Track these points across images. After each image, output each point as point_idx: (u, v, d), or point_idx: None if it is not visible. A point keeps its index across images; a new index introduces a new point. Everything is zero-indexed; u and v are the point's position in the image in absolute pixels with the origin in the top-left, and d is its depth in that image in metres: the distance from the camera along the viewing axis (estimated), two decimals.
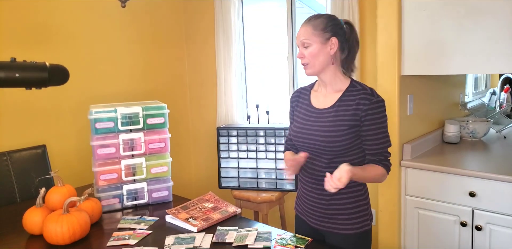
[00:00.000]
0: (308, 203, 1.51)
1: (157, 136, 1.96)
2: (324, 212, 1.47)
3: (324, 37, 1.38)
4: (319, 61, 1.40)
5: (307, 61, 1.41)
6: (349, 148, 1.40)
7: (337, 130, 1.37)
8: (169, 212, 1.74)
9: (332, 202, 1.45)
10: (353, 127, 1.37)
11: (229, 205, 1.83)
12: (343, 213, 1.44)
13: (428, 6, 1.99)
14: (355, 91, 1.39)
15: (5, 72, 1.42)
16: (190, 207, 1.80)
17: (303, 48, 1.41)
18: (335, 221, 1.45)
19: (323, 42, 1.38)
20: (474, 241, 1.95)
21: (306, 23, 1.41)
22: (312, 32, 1.38)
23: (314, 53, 1.39)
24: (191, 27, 3.34)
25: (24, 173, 2.19)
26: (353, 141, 1.39)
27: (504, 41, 1.82)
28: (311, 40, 1.38)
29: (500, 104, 3.03)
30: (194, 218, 1.69)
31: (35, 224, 1.58)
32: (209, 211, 1.77)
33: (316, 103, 1.48)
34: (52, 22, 2.56)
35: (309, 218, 1.53)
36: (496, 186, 1.86)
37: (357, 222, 1.45)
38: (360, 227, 1.45)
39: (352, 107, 1.37)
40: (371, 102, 1.36)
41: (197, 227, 1.61)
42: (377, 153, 1.41)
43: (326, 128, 1.39)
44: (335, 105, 1.41)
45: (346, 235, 1.45)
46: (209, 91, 3.28)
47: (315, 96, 1.50)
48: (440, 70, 2.02)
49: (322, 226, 1.49)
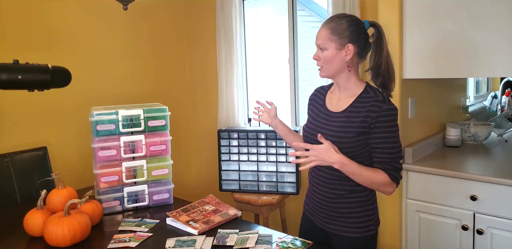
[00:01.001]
0: (315, 203, 1.52)
1: (158, 138, 1.96)
2: (330, 214, 1.47)
3: (340, 43, 1.34)
4: (333, 66, 1.38)
5: (321, 64, 1.40)
6: (357, 155, 1.37)
7: (345, 136, 1.35)
8: (170, 215, 1.74)
9: (337, 204, 1.45)
10: (361, 134, 1.34)
11: (230, 207, 1.83)
12: (348, 216, 1.44)
13: (430, 9, 1.99)
14: (367, 97, 1.36)
15: (7, 74, 1.42)
16: (191, 210, 1.80)
17: (319, 50, 1.38)
18: (340, 224, 1.46)
19: (339, 48, 1.35)
20: (476, 245, 1.94)
21: (326, 24, 1.37)
22: (329, 37, 1.34)
23: (329, 58, 1.36)
24: (192, 29, 3.35)
25: (25, 174, 2.19)
26: (361, 148, 1.36)
27: (506, 45, 1.82)
28: (327, 45, 1.35)
29: (501, 108, 3.03)
30: (195, 221, 1.68)
31: (36, 226, 1.58)
32: (210, 213, 1.77)
33: (330, 106, 1.46)
34: (54, 25, 2.57)
35: (315, 217, 1.54)
36: (497, 190, 1.86)
37: (362, 226, 1.44)
38: (364, 231, 1.44)
39: (362, 114, 1.34)
40: (382, 109, 1.32)
41: (198, 229, 1.61)
42: (384, 162, 1.35)
43: (335, 133, 1.38)
44: (346, 111, 1.39)
45: (350, 238, 1.45)
46: (210, 93, 3.29)
47: (330, 98, 1.49)
48: (442, 74, 2.02)
49: (327, 227, 1.50)
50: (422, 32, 2.02)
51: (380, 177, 1.33)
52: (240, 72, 3.02)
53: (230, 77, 3.01)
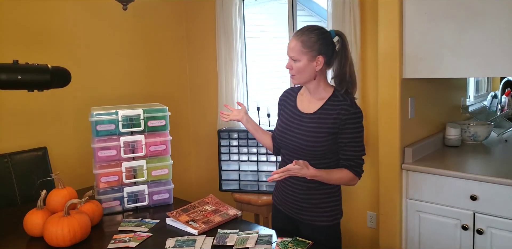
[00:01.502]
0: (286, 195, 1.63)
1: (158, 138, 1.96)
2: (301, 205, 1.59)
3: (311, 55, 1.47)
4: (305, 75, 1.50)
5: (294, 73, 1.51)
6: (327, 152, 1.51)
7: (317, 136, 1.49)
8: (170, 215, 1.74)
9: (309, 196, 1.57)
10: (332, 133, 1.48)
11: (230, 207, 1.83)
12: (318, 206, 1.57)
13: (429, 9, 1.99)
14: (337, 101, 1.50)
15: (7, 75, 1.42)
16: (191, 210, 1.80)
17: (292, 60, 1.50)
18: (311, 214, 1.58)
19: (310, 60, 1.47)
20: (476, 244, 1.94)
21: (298, 37, 1.48)
22: (301, 50, 1.46)
23: (301, 68, 1.48)
24: (192, 29, 3.35)
25: (25, 175, 2.19)
26: (331, 146, 1.51)
27: (506, 44, 1.82)
28: (299, 57, 1.47)
29: (501, 108, 3.02)
30: (195, 221, 1.69)
31: (35, 226, 1.58)
32: (210, 213, 1.77)
33: (301, 107, 1.59)
34: (54, 25, 2.57)
35: (286, 208, 1.65)
36: (497, 190, 1.86)
37: (330, 215, 1.58)
38: (332, 220, 1.58)
39: (332, 116, 1.48)
40: (350, 113, 1.46)
41: (198, 230, 1.61)
42: (350, 159, 1.51)
43: (308, 132, 1.51)
44: (318, 113, 1.52)
45: (320, 226, 1.58)
46: (210, 93, 3.29)
47: (300, 100, 1.62)
48: (441, 74, 2.02)
49: (298, 217, 1.62)
50: (422, 32, 2.02)
51: (346, 177, 1.51)
52: (240, 72, 3.02)
53: (230, 77, 3.01)
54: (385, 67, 2.12)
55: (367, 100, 2.47)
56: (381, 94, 2.15)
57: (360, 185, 2.57)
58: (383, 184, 2.19)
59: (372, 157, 2.45)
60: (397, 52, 2.07)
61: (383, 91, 2.14)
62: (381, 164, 2.20)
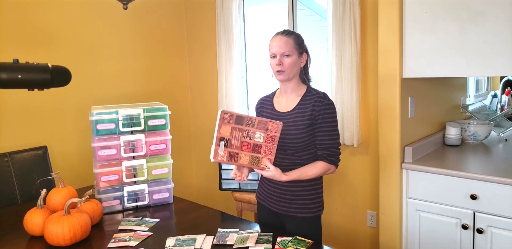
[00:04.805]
0: (270, 189, 1.71)
1: (158, 137, 1.96)
2: (285, 197, 1.66)
3: (300, 52, 1.63)
4: (293, 71, 1.62)
5: (284, 69, 1.60)
6: (308, 144, 1.61)
7: (298, 128, 1.59)
8: (224, 114, 1.44)
9: (293, 188, 1.64)
10: (310, 125, 1.60)
11: (271, 153, 1.52)
12: (302, 198, 1.65)
13: (430, 8, 1.99)
14: (311, 95, 1.63)
15: (7, 74, 1.42)
16: (244, 125, 1.48)
17: (282, 57, 1.59)
18: (295, 206, 1.65)
19: (299, 56, 1.63)
20: (476, 244, 1.94)
21: (286, 35, 1.61)
22: (294, 46, 1.60)
23: (292, 64, 1.60)
24: (192, 29, 3.35)
25: (25, 174, 2.19)
26: (310, 138, 1.61)
27: (505, 44, 1.82)
28: (292, 52, 1.60)
29: (501, 107, 3.03)
30: (227, 144, 1.44)
31: (36, 225, 1.58)
32: (247, 146, 1.49)
33: (279, 108, 1.69)
34: (54, 24, 2.57)
35: (270, 203, 1.71)
36: (497, 189, 1.86)
37: (313, 207, 1.66)
38: (315, 212, 1.66)
39: (309, 109, 1.60)
40: (323, 104, 1.59)
41: (215, 159, 1.42)
42: (325, 147, 1.61)
43: (289, 127, 1.60)
44: (296, 109, 1.63)
45: (302, 218, 1.65)
46: (210, 93, 3.29)
47: (277, 102, 1.72)
48: (441, 73, 2.02)
49: (281, 210, 1.68)
50: (422, 31, 2.02)
51: (321, 169, 1.60)
52: (240, 72, 3.02)
53: (230, 77, 3.02)
54: (385, 67, 2.12)
55: (367, 99, 2.47)
56: (381, 94, 2.15)
57: (360, 184, 2.57)
58: (383, 183, 2.19)
59: (372, 156, 2.45)
60: (397, 51, 2.07)
61: (383, 90, 2.14)
62: (381, 163, 2.20)
